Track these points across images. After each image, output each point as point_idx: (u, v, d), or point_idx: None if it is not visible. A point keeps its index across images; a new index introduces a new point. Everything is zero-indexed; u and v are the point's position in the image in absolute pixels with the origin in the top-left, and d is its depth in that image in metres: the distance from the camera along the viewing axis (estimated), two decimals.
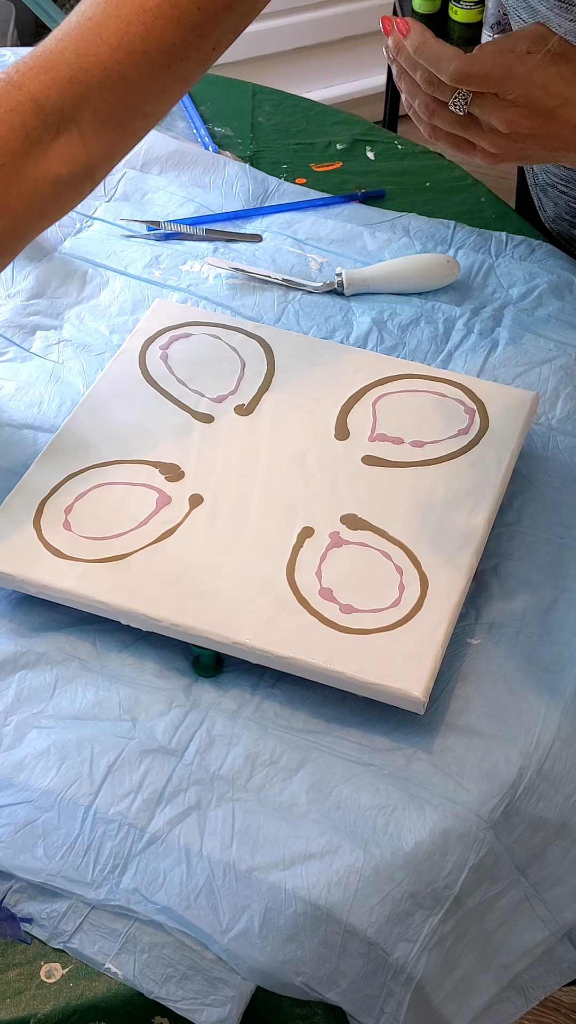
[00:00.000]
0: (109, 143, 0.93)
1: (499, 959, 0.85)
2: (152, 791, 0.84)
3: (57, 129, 0.89)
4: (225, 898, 0.79)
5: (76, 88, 0.89)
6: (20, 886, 0.82)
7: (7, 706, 0.88)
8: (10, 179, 0.87)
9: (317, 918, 0.79)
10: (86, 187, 0.94)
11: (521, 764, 0.85)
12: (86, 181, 0.94)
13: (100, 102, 0.90)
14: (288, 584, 0.91)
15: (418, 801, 0.83)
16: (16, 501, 0.96)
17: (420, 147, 1.41)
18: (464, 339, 1.16)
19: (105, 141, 0.92)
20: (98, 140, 0.91)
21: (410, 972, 0.79)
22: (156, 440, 1.01)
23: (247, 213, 1.29)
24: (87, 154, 0.91)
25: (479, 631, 0.93)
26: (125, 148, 0.96)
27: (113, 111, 0.91)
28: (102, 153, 0.93)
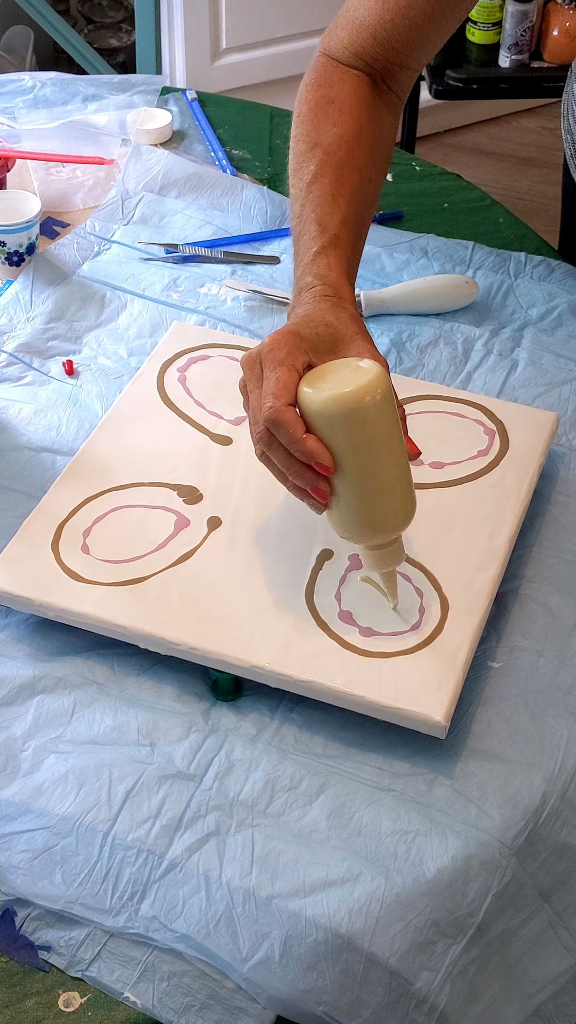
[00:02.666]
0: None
1: (523, 988, 0.84)
2: (171, 817, 0.83)
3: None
4: (245, 926, 0.79)
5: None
6: (38, 913, 0.81)
7: (25, 731, 0.88)
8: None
9: (338, 946, 0.78)
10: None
11: (544, 789, 0.84)
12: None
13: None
14: (307, 607, 0.90)
15: (440, 827, 0.82)
16: (34, 525, 0.96)
17: (438, 168, 1.41)
18: (483, 360, 1.15)
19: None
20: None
21: (433, 1001, 0.78)
22: (174, 462, 1.01)
23: (265, 235, 1.29)
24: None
25: (500, 654, 0.92)
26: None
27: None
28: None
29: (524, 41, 2.29)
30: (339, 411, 0.84)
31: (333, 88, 1.06)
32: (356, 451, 0.85)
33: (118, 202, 1.32)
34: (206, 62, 2.53)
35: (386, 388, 0.85)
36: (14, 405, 1.10)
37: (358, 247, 1.03)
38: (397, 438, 0.86)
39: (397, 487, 0.87)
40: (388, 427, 0.85)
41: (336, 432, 0.85)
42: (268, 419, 0.85)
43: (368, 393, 0.84)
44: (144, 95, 1.46)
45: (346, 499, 0.87)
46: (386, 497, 0.87)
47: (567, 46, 2.27)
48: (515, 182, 2.75)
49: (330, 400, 0.84)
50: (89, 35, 2.70)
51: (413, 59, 1.08)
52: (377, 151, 1.06)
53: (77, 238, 1.28)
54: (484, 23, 2.30)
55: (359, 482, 0.86)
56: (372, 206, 1.06)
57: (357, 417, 0.84)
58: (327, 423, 0.85)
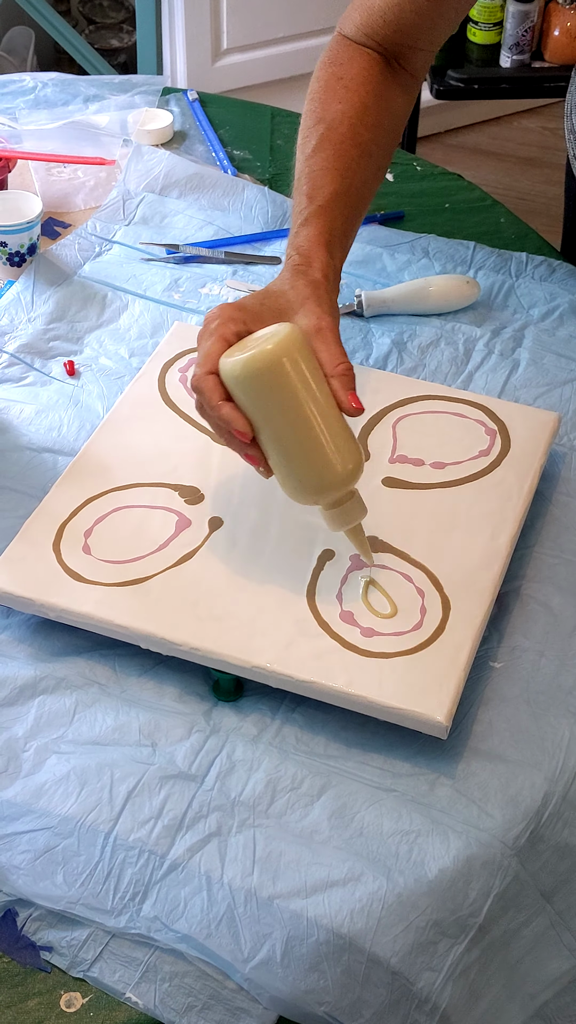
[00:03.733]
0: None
1: (525, 988, 0.84)
2: (172, 817, 0.83)
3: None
4: (246, 926, 0.79)
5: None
6: (40, 914, 0.81)
7: (27, 731, 0.88)
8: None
9: (340, 947, 0.78)
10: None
11: (546, 790, 0.84)
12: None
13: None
14: (308, 607, 0.90)
15: (442, 827, 0.82)
16: (35, 525, 0.96)
17: (439, 168, 1.41)
18: (485, 360, 1.15)
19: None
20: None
21: (435, 1002, 0.78)
22: (175, 463, 1.01)
23: (266, 236, 1.29)
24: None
25: (502, 654, 0.92)
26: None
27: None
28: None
29: (525, 41, 2.28)
30: (244, 375, 0.86)
31: (343, 66, 1.09)
32: (271, 412, 0.86)
33: (119, 203, 1.32)
34: (207, 62, 2.53)
35: (295, 347, 0.86)
36: (15, 406, 1.10)
37: (351, 220, 1.04)
38: (316, 395, 0.87)
39: (326, 443, 0.87)
40: (301, 385, 0.86)
41: (248, 396, 0.87)
42: (192, 387, 0.89)
43: (271, 355, 0.85)
44: (145, 95, 1.47)
45: (278, 461, 0.88)
46: (315, 455, 0.87)
47: (568, 46, 2.27)
48: (516, 182, 2.75)
49: (236, 364, 0.86)
50: (90, 36, 2.70)
51: (423, 40, 1.10)
52: (382, 128, 1.08)
53: (78, 239, 1.28)
54: (485, 23, 2.30)
55: (283, 443, 0.87)
56: (374, 181, 1.08)
57: (263, 379, 0.86)
58: (239, 387, 0.87)
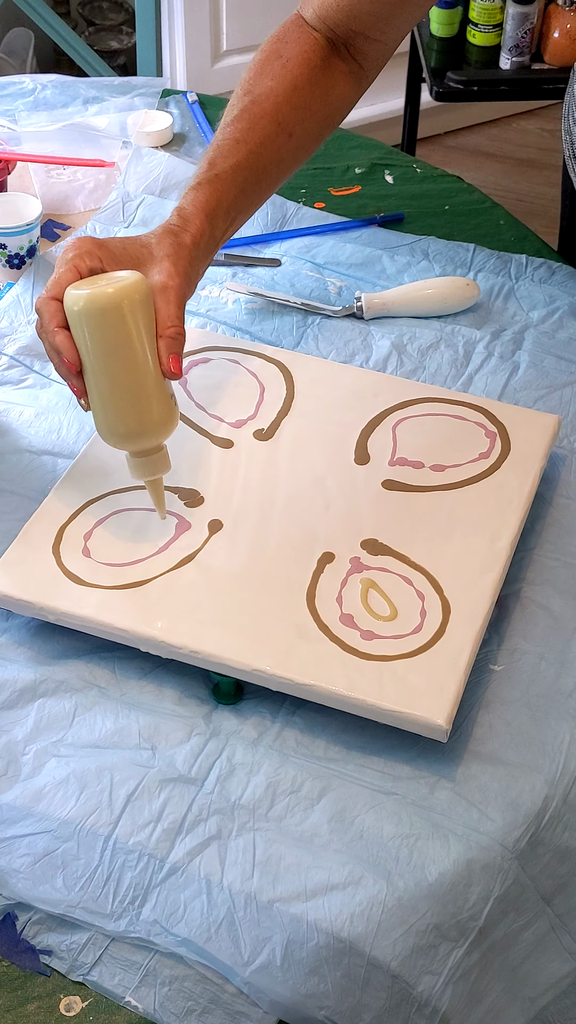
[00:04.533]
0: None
1: (525, 992, 0.84)
2: (172, 821, 0.83)
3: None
4: (246, 930, 0.78)
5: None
6: (39, 917, 0.81)
7: (26, 735, 0.87)
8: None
9: (340, 950, 0.77)
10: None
11: (546, 793, 0.84)
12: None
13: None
14: (308, 610, 0.90)
15: (442, 831, 0.82)
16: (35, 528, 0.96)
17: (439, 170, 1.41)
18: (485, 362, 1.15)
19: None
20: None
21: (435, 1005, 0.78)
22: (175, 465, 1.01)
23: (266, 238, 1.29)
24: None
25: (502, 657, 0.92)
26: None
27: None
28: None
29: (525, 43, 2.28)
30: (80, 310, 0.89)
31: (286, 44, 1.08)
32: (98, 352, 0.90)
33: (119, 204, 1.32)
34: (207, 64, 2.53)
35: (136, 298, 0.89)
36: (15, 408, 1.10)
37: (250, 195, 1.05)
38: (142, 349, 0.90)
39: (139, 394, 0.91)
40: (129, 335, 0.89)
41: (80, 330, 0.90)
42: (35, 308, 0.93)
43: (110, 298, 0.89)
44: (145, 97, 1.46)
45: (95, 399, 0.92)
46: (126, 402, 0.91)
47: (568, 48, 2.27)
48: (516, 184, 2.75)
49: (77, 298, 0.90)
50: (90, 37, 2.70)
51: (376, 30, 1.08)
52: (310, 111, 1.07)
53: None
54: (485, 25, 2.30)
55: (102, 383, 0.91)
56: (291, 161, 1.09)
57: (97, 318, 0.89)
58: (74, 320, 0.90)
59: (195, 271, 0.98)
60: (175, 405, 0.94)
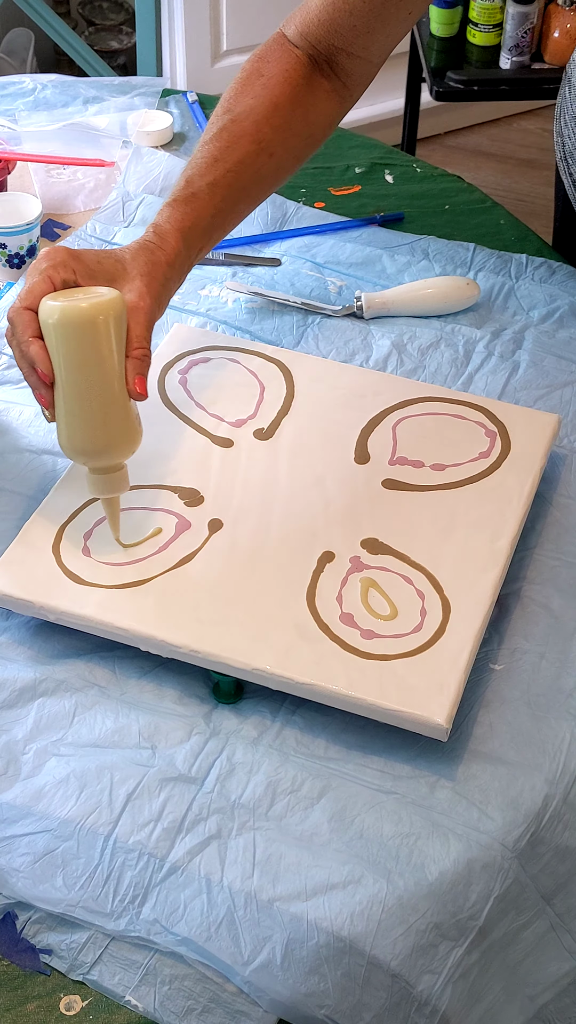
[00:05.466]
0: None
1: (525, 990, 0.84)
2: (172, 820, 0.83)
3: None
4: (246, 929, 0.78)
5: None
6: (39, 916, 0.81)
7: (26, 734, 0.87)
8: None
9: (340, 950, 0.77)
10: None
11: (546, 792, 0.84)
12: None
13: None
14: (308, 610, 0.90)
15: (442, 830, 0.82)
16: (35, 527, 0.96)
17: (439, 170, 1.41)
18: (485, 362, 1.15)
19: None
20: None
21: (435, 1004, 0.78)
22: (175, 465, 1.01)
23: (266, 237, 1.29)
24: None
25: (502, 656, 0.92)
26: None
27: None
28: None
29: (525, 43, 2.28)
30: (55, 322, 0.90)
31: (267, 63, 1.07)
32: (69, 365, 0.90)
33: (119, 204, 1.32)
34: (207, 64, 2.53)
35: (112, 317, 0.90)
36: (15, 407, 1.10)
37: (227, 214, 1.04)
38: (111, 367, 0.90)
39: (103, 413, 0.91)
40: (101, 353, 0.90)
41: (52, 343, 0.91)
42: (8, 318, 0.93)
43: (86, 314, 0.89)
44: (145, 97, 1.46)
45: (60, 411, 0.92)
46: (89, 419, 0.91)
47: (568, 47, 2.27)
48: (516, 184, 2.75)
49: (53, 310, 0.90)
50: (90, 37, 2.70)
51: (357, 46, 1.07)
52: (291, 131, 1.07)
53: (78, 240, 1.28)
54: (485, 25, 2.30)
55: (68, 397, 0.91)
56: (271, 180, 1.08)
57: (72, 333, 0.90)
58: (48, 332, 0.91)
59: (167, 292, 0.97)
60: (139, 425, 0.93)
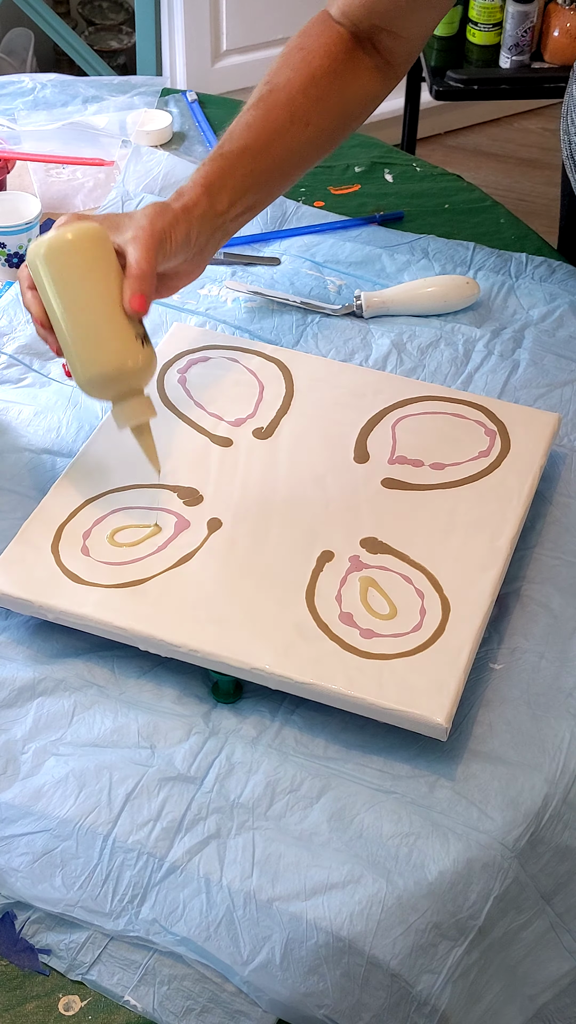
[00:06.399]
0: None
1: (525, 990, 0.84)
2: (171, 820, 0.83)
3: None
4: (245, 929, 0.78)
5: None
6: (38, 916, 0.81)
7: (25, 733, 0.87)
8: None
9: (339, 949, 0.77)
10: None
11: (546, 792, 0.84)
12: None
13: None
14: (308, 609, 0.90)
15: (441, 830, 0.82)
16: (34, 527, 0.96)
17: (439, 169, 1.41)
18: (484, 360, 1.15)
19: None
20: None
21: (434, 1004, 0.78)
22: (174, 464, 1.01)
23: (265, 236, 1.29)
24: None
25: (502, 656, 0.92)
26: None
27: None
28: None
29: (525, 42, 2.28)
30: (34, 255, 0.93)
31: (310, 38, 1.10)
32: (57, 296, 0.92)
33: (118, 203, 1.32)
34: (206, 64, 2.53)
35: (89, 241, 0.92)
36: (14, 407, 1.10)
37: (258, 178, 1.05)
38: (103, 289, 0.92)
39: (96, 336, 0.92)
40: (87, 276, 0.92)
41: (40, 277, 0.93)
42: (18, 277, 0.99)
43: (55, 239, 0.92)
44: (144, 96, 1.46)
45: (65, 345, 0.93)
46: (87, 344, 0.92)
47: (568, 47, 2.27)
48: (516, 183, 2.75)
49: (33, 245, 0.94)
50: (89, 37, 2.70)
51: (397, 25, 1.09)
52: (327, 102, 1.08)
53: None
54: (485, 24, 2.30)
55: (64, 328, 0.93)
56: (309, 151, 1.09)
57: (47, 260, 0.92)
58: (32, 270, 0.94)
59: (179, 231, 0.97)
60: (147, 348, 0.93)
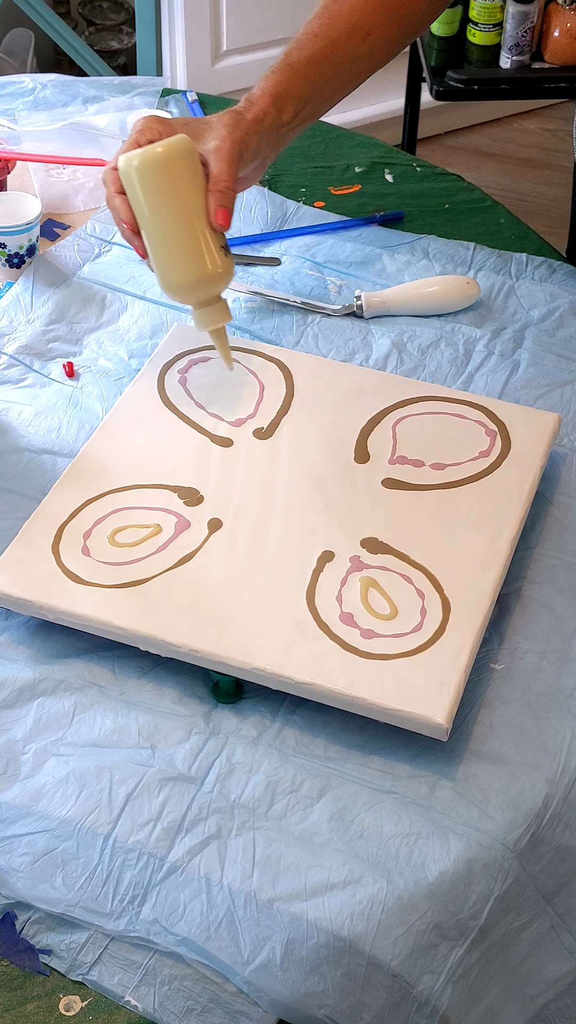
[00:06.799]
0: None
1: (525, 990, 0.84)
2: (172, 820, 0.83)
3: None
4: (246, 929, 0.78)
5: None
6: (39, 917, 0.81)
7: (26, 734, 0.87)
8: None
9: (340, 949, 0.77)
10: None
11: (547, 792, 0.84)
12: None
13: None
14: (308, 609, 0.90)
15: (442, 830, 0.82)
16: (34, 527, 0.96)
17: (439, 169, 1.41)
18: (485, 361, 1.15)
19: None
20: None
21: (435, 1004, 0.78)
22: (175, 464, 1.01)
23: (266, 237, 1.29)
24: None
25: (502, 656, 0.92)
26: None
27: None
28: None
29: (525, 42, 2.28)
30: (126, 169, 0.97)
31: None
32: (149, 207, 0.97)
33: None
34: (207, 64, 2.53)
35: (178, 155, 0.96)
36: (14, 407, 1.10)
37: (322, 86, 1.11)
38: (186, 200, 0.97)
39: (187, 245, 0.97)
40: (174, 186, 0.96)
41: (131, 189, 0.98)
42: (102, 179, 1.02)
43: (152, 155, 0.96)
44: (145, 97, 1.46)
45: (153, 253, 0.99)
46: (178, 253, 0.98)
47: (568, 47, 2.26)
48: (516, 183, 2.75)
49: (124, 159, 0.97)
50: (90, 37, 2.70)
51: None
52: (387, 14, 1.14)
53: (77, 240, 1.28)
54: (485, 24, 2.30)
55: (154, 237, 0.98)
56: (367, 60, 1.15)
57: (142, 174, 0.96)
58: (125, 181, 0.98)
59: (253, 143, 1.03)
60: (228, 257, 0.99)
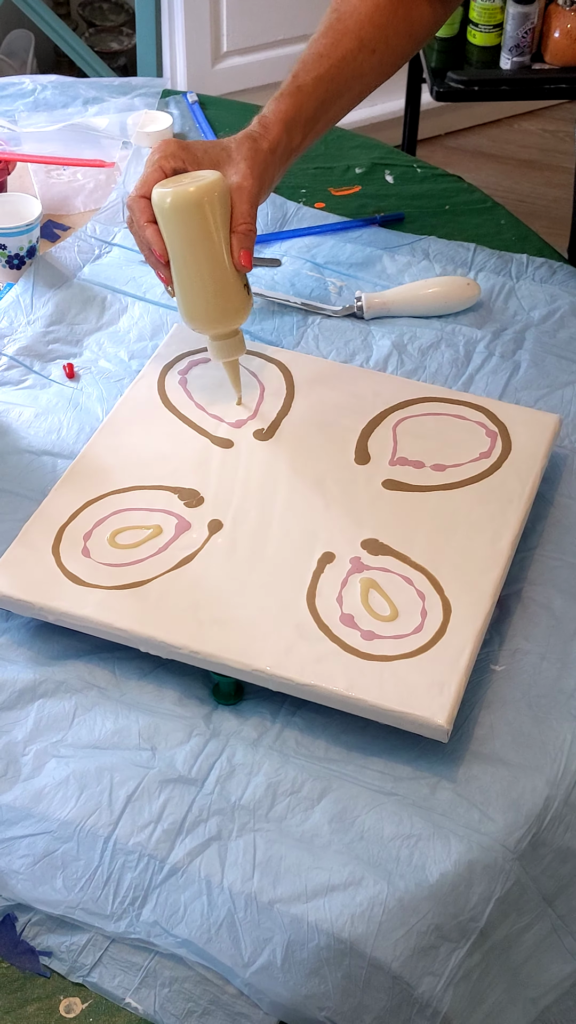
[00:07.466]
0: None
1: (527, 993, 0.84)
2: (172, 821, 0.82)
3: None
4: (247, 931, 0.78)
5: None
6: (39, 918, 0.81)
7: (26, 735, 0.87)
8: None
9: (340, 951, 0.77)
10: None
11: (548, 793, 0.84)
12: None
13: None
14: (308, 610, 0.90)
15: (443, 831, 0.82)
16: (35, 528, 0.96)
17: (439, 170, 1.40)
18: (485, 362, 1.15)
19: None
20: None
21: (436, 1007, 0.78)
22: (175, 466, 1.01)
23: (266, 238, 1.29)
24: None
25: (503, 657, 0.92)
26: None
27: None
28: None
29: (525, 43, 2.28)
30: (164, 207, 0.99)
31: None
32: (181, 244, 1.00)
33: (119, 205, 1.32)
34: (207, 65, 2.53)
35: (215, 196, 0.99)
36: (15, 408, 1.10)
37: (329, 105, 1.13)
38: (218, 241, 1.00)
39: (214, 283, 1.01)
40: (209, 229, 1.00)
41: (165, 225, 1.00)
42: (127, 205, 1.04)
43: (191, 197, 0.99)
44: (145, 98, 1.46)
45: (178, 287, 1.02)
46: (204, 290, 1.01)
47: (568, 48, 2.26)
48: (517, 184, 2.75)
49: (162, 196, 1.00)
50: (90, 38, 2.70)
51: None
52: (392, 29, 1.15)
53: (78, 241, 1.28)
54: (485, 25, 2.30)
55: (182, 273, 1.01)
56: (372, 76, 1.16)
57: (180, 214, 0.99)
58: (160, 215, 1.01)
59: (269, 176, 1.06)
60: (249, 295, 1.03)
